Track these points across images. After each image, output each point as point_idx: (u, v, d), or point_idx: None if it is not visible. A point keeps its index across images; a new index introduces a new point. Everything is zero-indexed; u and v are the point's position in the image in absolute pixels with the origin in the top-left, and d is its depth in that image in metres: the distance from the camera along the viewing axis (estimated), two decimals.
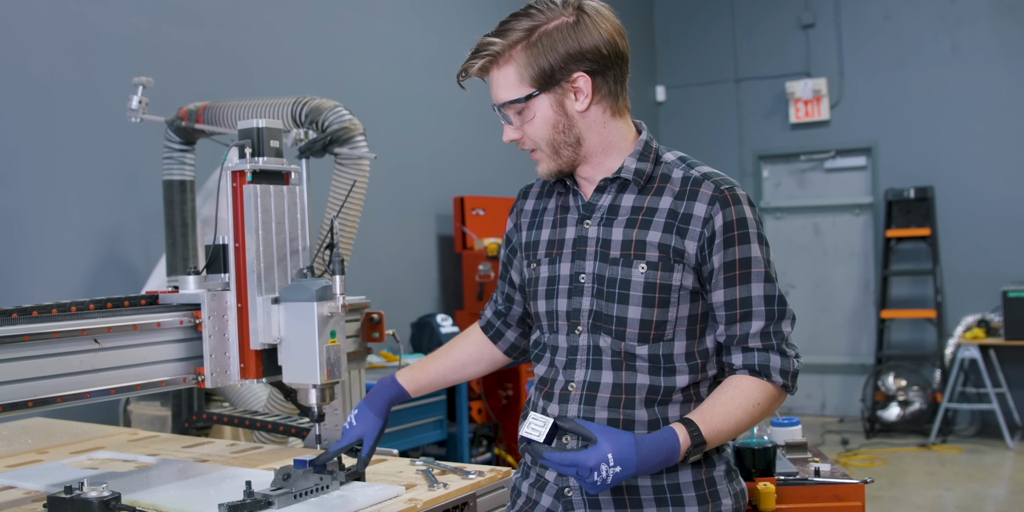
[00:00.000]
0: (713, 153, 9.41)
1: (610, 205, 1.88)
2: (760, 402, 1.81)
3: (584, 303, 1.86)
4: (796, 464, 2.50)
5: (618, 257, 1.84)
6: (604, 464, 1.64)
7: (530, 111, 1.83)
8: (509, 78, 1.82)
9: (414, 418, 5.14)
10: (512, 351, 2.23)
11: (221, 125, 3.59)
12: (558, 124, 1.83)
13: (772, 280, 1.84)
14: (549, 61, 1.78)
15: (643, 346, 1.83)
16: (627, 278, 1.82)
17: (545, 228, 1.97)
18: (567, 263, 1.90)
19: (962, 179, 8.53)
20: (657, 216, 1.83)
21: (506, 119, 1.86)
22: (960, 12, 8.58)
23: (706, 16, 9.62)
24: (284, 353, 2.31)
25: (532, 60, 1.79)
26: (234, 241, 2.31)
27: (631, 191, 1.87)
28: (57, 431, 3.14)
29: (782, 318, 1.84)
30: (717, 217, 1.79)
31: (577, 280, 1.88)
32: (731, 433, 1.79)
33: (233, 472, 2.43)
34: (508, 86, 1.82)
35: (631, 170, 1.86)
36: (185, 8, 5.06)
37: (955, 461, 7.37)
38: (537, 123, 1.83)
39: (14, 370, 1.96)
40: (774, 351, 1.83)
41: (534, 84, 1.80)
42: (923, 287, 8.75)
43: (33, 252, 4.29)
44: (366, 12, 6.32)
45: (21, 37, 4.29)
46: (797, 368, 1.85)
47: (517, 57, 1.80)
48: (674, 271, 1.81)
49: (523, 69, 1.80)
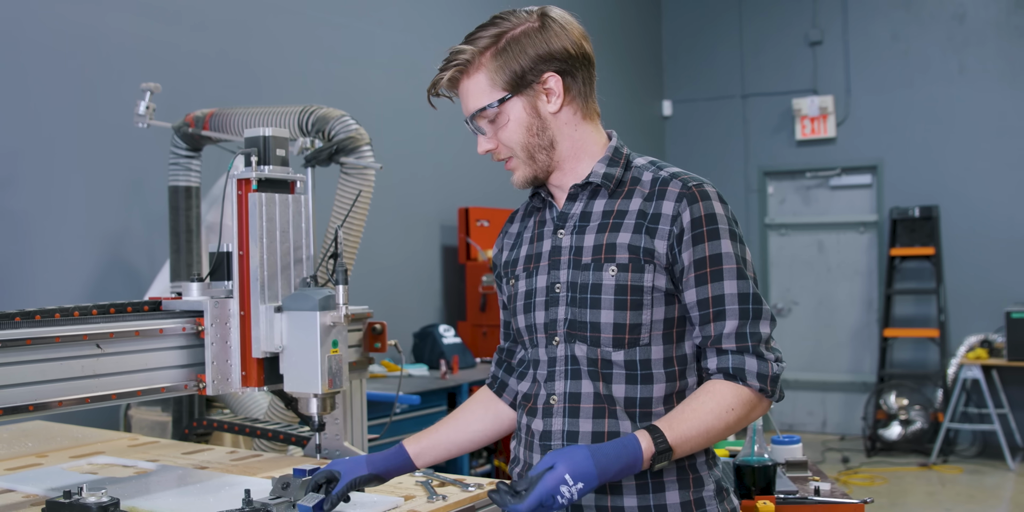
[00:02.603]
0: (719, 168, 9.42)
1: (582, 212, 1.87)
2: (734, 408, 1.73)
3: (560, 313, 1.84)
4: (796, 483, 2.49)
5: (589, 262, 1.81)
6: (564, 486, 1.60)
7: (504, 116, 1.84)
8: (480, 85, 1.83)
9: (415, 429, 5.13)
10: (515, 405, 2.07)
11: (228, 132, 3.60)
12: (532, 127, 1.83)
13: (746, 277, 1.77)
14: (519, 63, 1.80)
15: (619, 351, 1.79)
16: (598, 282, 1.79)
17: (524, 245, 1.97)
18: (543, 275, 1.88)
19: (967, 199, 8.53)
20: (627, 218, 1.81)
21: (479, 130, 1.88)
22: (968, 32, 8.59)
23: (714, 32, 9.65)
24: (286, 362, 2.31)
25: (503, 64, 1.81)
26: (238, 249, 2.31)
27: (602, 196, 1.86)
28: (57, 435, 3.14)
29: (758, 318, 1.76)
30: (685, 214, 1.76)
31: (553, 291, 1.86)
32: (702, 440, 1.72)
33: (232, 480, 2.43)
34: (480, 94, 1.84)
35: (599, 174, 1.85)
36: (194, 15, 5.08)
37: (956, 481, 7.34)
38: (511, 127, 1.84)
39: (16, 374, 1.96)
40: (749, 353, 1.75)
41: (506, 87, 1.82)
42: (926, 306, 8.74)
43: (37, 256, 4.30)
44: (375, 22, 6.34)
45: (27, 42, 4.30)
46: (776, 372, 1.75)
47: (487, 63, 1.82)
48: (644, 272, 1.77)
49: (494, 74, 1.81)
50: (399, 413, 5.04)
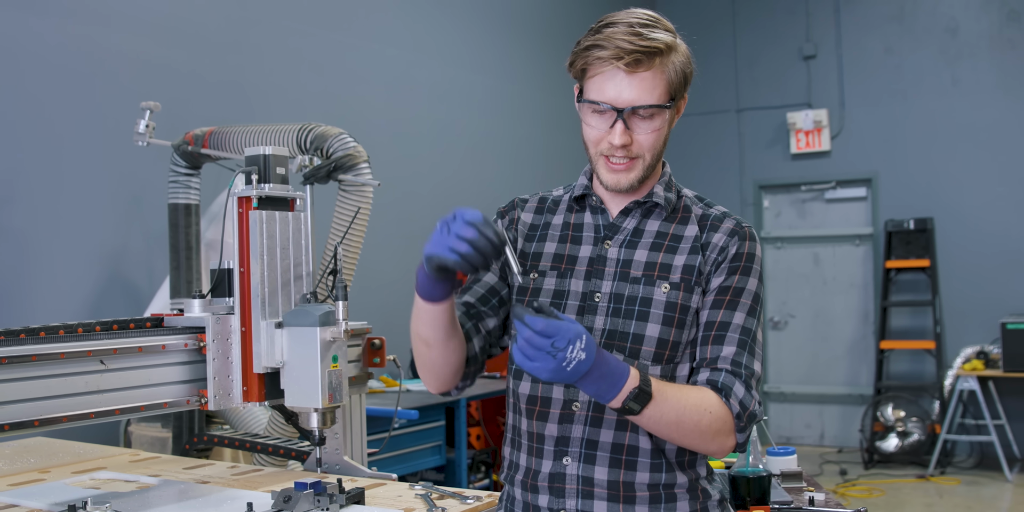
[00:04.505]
0: (714, 182, 9.47)
1: (635, 228, 1.89)
2: (712, 411, 1.73)
3: (597, 322, 1.84)
4: (791, 493, 2.52)
5: (640, 277, 1.84)
6: (578, 341, 1.56)
7: (660, 119, 1.79)
8: (657, 80, 1.77)
9: (413, 443, 5.16)
10: (468, 364, 1.93)
11: (227, 150, 3.63)
12: (666, 137, 1.84)
13: (755, 316, 1.84)
14: (683, 76, 1.81)
15: (656, 366, 1.81)
16: (648, 296, 1.82)
17: (550, 241, 1.94)
18: (579, 280, 1.88)
19: (962, 211, 8.57)
20: (683, 242, 1.86)
21: (625, 122, 1.77)
22: (960, 45, 8.66)
23: (708, 46, 9.70)
24: (287, 377, 2.33)
25: (677, 69, 1.79)
26: (239, 266, 2.34)
27: (656, 217, 1.90)
28: (59, 451, 3.16)
29: (753, 355, 1.81)
30: (732, 248, 1.84)
31: (591, 298, 1.86)
32: (674, 414, 1.69)
33: (234, 494, 2.45)
34: (654, 89, 1.76)
35: (662, 196, 1.89)
36: (193, 33, 5.13)
37: (954, 493, 7.36)
38: (659, 133, 1.81)
39: (21, 390, 1.99)
40: (740, 379, 1.77)
41: (673, 94, 1.80)
42: (922, 318, 8.77)
43: (38, 273, 4.33)
44: (373, 40, 6.39)
45: (29, 61, 4.35)
46: (755, 410, 1.76)
47: (667, 63, 1.78)
48: (693, 293, 1.83)
49: (672, 75, 1.79)
50: (398, 428, 5.06)
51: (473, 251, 1.62)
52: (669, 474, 1.83)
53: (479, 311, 1.96)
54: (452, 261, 1.65)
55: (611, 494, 1.81)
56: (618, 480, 1.81)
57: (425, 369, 1.92)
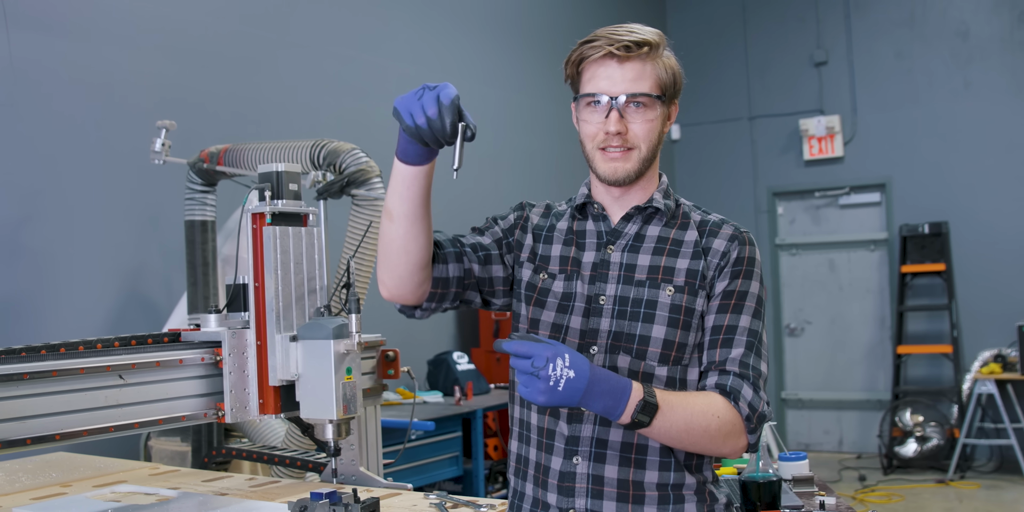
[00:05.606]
0: (728, 190, 9.48)
1: (636, 233, 1.94)
2: (720, 415, 1.76)
3: (603, 324, 1.88)
4: (802, 498, 2.54)
5: (644, 280, 1.89)
6: (560, 359, 1.60)
7: (652, 112, 1.86)
8: (648, 71, 1.85)
9: (430, 454, 5.19)
10: (435, 285, 1.92)
11: (241, 167, 3.68)
12: (659, 134, 1.90)
13: (759, 318, 1.89)
14: (674, 77, 1.90)
15: (663, 367, 1.85)
16: (653, 299, 1.87)
17: (556, 244, 1.99)
18: (584, 284, 1.92)
19: (976, 214, 8.56)
20: (684, 247, 1.92)
21: (621, 110, 1.84)
22: (972, 49, 8.66)
23: (719, 54, 9.73)
24: (302, 389, 2.37)
25: (667, 67, 1.88)
26: (254, 281, 2.38)
27: (656, 223, 1.95)
28: (80, 465, 3.20)
29: (759, 356, 1.86)
30: (733, 252, 1.90)
31: (596, 301, 1.90)
32: (683, 422, 1.72)
33: (252, 505, 2.49)
34: (646, 79, 1.85)
35: (662, 202, 1.95)
36: (206, 54, 5.20)
37: (974, 497, 7.33)
38: (653, 125, 1.87)
39: (43, 405, 2.03)
40: (748, 381, 1.81)
41: (665, 90, 1.88)
42: (939, 322, 8.75)
43: (58, 291, 4.39)
44: (384, 55, 6.45)
45: (48, 82, 4.42)
46: (764, 411, 1.80)
47: (657, 57, 1.87)
48: (698, 296, 1.88)
49: (662, 71, 1.87)
50: (415, 439, 5.09)
51: (427, 127, 1.67)
52: (678, 474, 1.86)
53: (465, 249, 1.97)
54: (405, 125, 1.69)
55: (620, 494, 1.84)
56: (628, 479, 1.84)
57: (382, 255, 1.90)
